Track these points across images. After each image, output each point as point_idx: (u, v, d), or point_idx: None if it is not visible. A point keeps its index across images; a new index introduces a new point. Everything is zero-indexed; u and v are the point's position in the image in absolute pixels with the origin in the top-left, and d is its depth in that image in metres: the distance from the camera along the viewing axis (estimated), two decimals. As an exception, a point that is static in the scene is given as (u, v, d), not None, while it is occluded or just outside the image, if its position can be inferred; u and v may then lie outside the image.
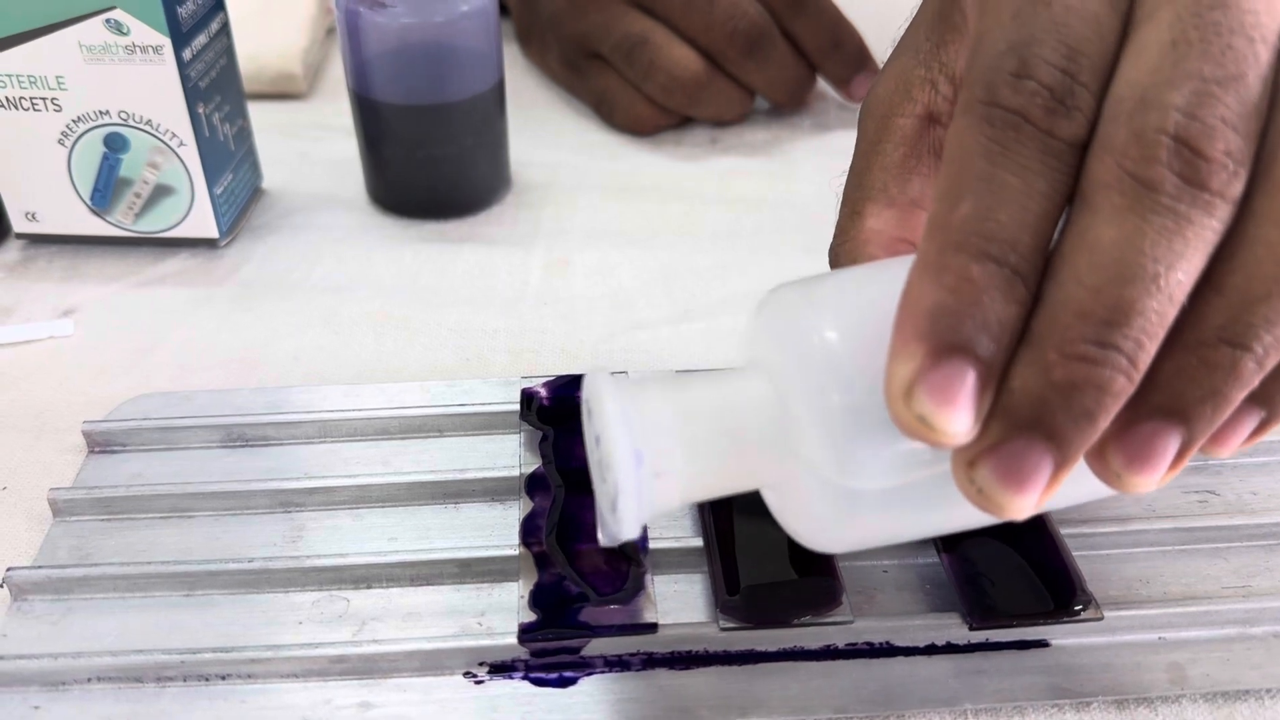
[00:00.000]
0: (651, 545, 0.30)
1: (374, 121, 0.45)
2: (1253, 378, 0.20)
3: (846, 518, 0.24)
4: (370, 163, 0.47)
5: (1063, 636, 0.29)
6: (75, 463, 0.35)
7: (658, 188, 0.50)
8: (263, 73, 0.55)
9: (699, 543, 0.31)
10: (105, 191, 0.43)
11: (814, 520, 0.24)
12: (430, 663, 0.28)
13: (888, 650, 0.29)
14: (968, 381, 0.19)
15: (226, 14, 0.44)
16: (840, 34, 0.52)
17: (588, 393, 0.24)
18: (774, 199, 0.49)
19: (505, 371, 0.39)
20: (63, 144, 0.42)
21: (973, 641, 0.29)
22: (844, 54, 0.52)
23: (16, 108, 0.41)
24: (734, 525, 0.30)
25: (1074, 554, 0.30)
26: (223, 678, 0.28)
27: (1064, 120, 0.20)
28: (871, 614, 0.29)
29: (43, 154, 0.42)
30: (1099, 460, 0.21)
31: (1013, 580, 0.29)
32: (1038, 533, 0.30)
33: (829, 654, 0.29)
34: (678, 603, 0.30)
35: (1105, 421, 0.20)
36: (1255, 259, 0.20)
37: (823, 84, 0.55)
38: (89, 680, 0.28)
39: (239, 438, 0.35)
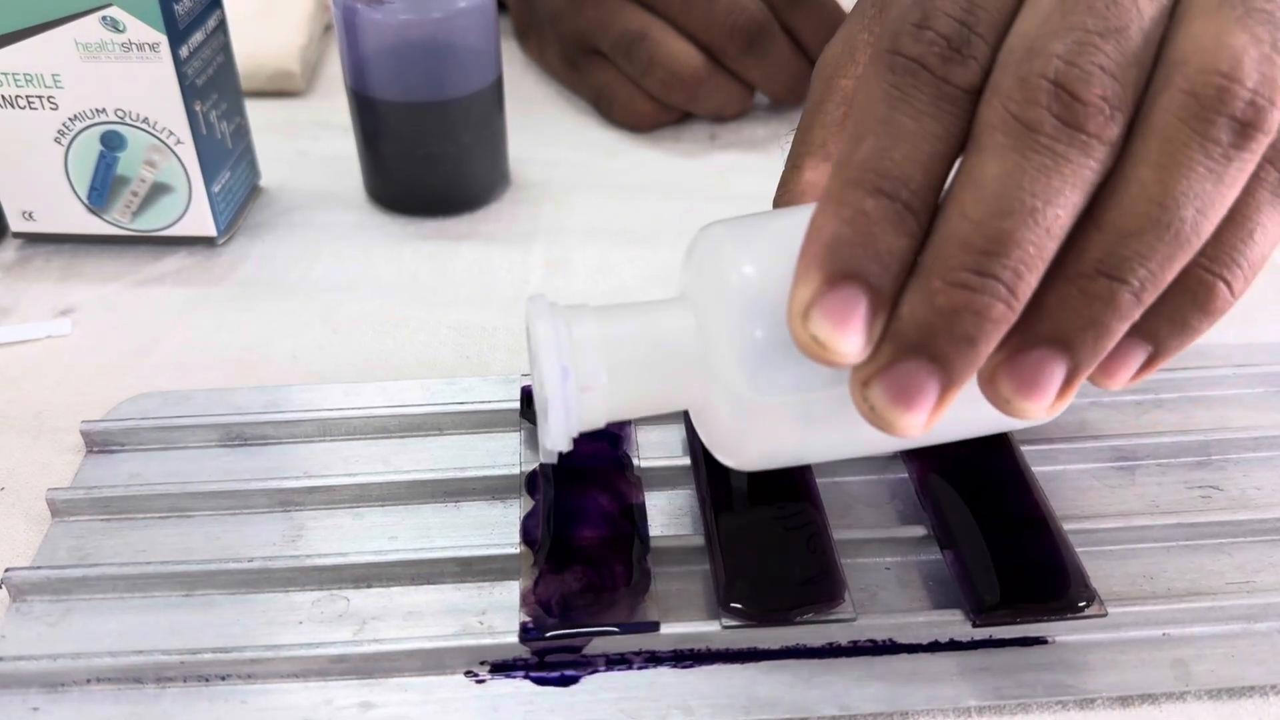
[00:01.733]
0: (654, 543, 0.30)
1: (372, 119, 0.45)
2: (1131, 309, 0.21)
3: (758, 432, 0.26)
4: (368, 160, 0.47)
5: (1066, 633, 0.29)
6: (74, 463, 0.35)
7: (657, 184, 0.50)
8: (260, 70, 0.55)
9: (701, 541, 0.31)
10: (102, 190, 0.43)
11: (729, 435, 0.27)
12: (431, 662, 0.28)
13: (890, 648, 0.29)
14: (859, 306, 0.21)
15: (223, 11, 0.44)
16: (840, 29, 0.52)
17: (527, 318, 0.26)
18: (774, 195, 0.49)
19: (505, 369, 0.39)
20: (59, 142, 0.42)
21: (976, 638, 0.29)
22: None
23: (12, 106, 0.41)
24: (736, 523, 0.30)
25: (1077, 550, 0.30)
26: (223, 678, 0.28)
27: (959, 68, 0.22)
28: (874, 611, 0.29)
29: (39, 153, 0.42)
30: (990, 386, 0.22)
31: (1016, 577, 0.29)
32: (1040, 529, 0.30)
33: (831, 651, 0.29)
34: (680, 601, 0.30)
35: (987, 347, 0.21)
36: (1130, 197, 0.21)
37: (822, 79, 0.55)
38: (88, 681, 0.28)
39: (238, 437, 0.35)
